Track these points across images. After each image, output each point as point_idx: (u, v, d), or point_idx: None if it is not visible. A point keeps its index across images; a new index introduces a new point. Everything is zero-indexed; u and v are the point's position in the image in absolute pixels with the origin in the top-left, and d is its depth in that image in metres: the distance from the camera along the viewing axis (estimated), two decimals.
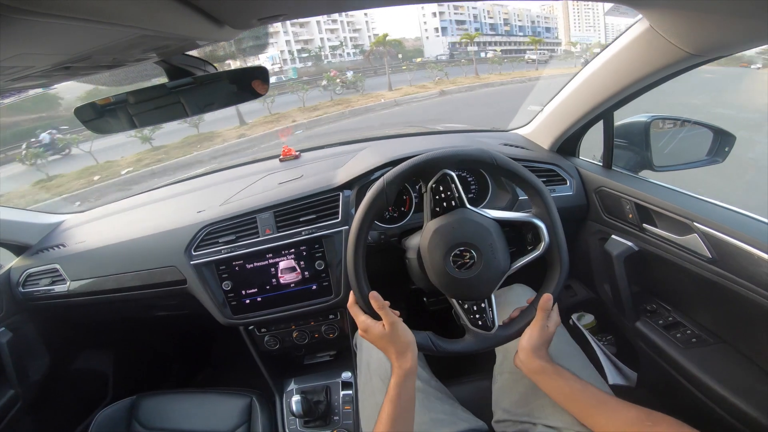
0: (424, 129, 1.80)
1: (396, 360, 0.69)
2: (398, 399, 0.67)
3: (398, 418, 0.65)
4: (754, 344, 0.87)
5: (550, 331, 0.72)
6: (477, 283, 0.73)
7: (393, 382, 0.68)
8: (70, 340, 1.44)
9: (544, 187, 0.75)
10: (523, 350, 0.71)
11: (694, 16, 0.63)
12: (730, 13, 0.59)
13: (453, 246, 0.72)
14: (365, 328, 0.72)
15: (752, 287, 0.77)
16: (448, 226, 0.74)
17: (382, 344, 0.71)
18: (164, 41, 0.55)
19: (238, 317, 1.10)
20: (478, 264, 0.72)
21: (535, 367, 0.70)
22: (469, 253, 0.72)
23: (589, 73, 0.99)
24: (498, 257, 0.73)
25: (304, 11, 0.66)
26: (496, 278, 0.73)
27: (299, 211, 1.09)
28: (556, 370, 0.69)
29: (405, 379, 0.68)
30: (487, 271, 0.72)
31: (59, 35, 0.39)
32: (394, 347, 0.69)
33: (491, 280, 0.73)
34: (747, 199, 1.31)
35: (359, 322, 0.73)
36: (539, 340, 0.71)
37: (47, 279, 1.22)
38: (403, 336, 0.70)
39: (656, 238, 0.98)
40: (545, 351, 0.72)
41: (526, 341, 0.72)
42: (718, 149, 1.08)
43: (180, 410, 1.15)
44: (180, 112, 0.75)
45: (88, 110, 0.73)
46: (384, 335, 0.69)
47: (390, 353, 0.70)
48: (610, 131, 1.10)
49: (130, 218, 1.38)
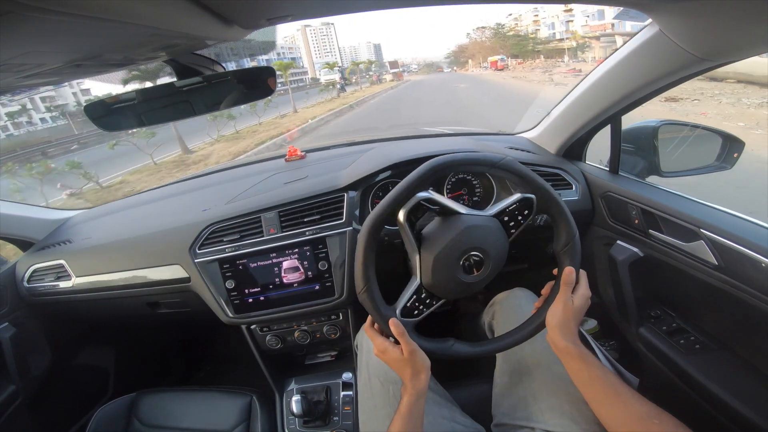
0: (430, 131, 1.80)
1: (410, 381, 0.69)
2: (409, 416, 0.67)
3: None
4: (758, 351, 0.86)
5: (577, 306, 0.70)
6: (479, 285, 0.73)
7: (406, 401, 0.69)
8: (72, 336, 1.45)
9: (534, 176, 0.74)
10: (550, 327, 0.71)
11: (705, 20, 0.63)
12: (741, 17, 0.58)
13: (463, 252, 0.71)
14: (383, 350, 0.72)
15: (758, 294, 0.76)
16: (454, 234, 0.73)
17: (398, 367, 0.71)
18: (174, 40, 0.55)
19: (240, 316, 1.10)
20: (487, 266, 0.72)
21: (560, 346, 0.69)
22: (478, 257, 0.72)
23: (597, 76, 0.99)
24: (501, 255, 0.74)
25: (311, 12, 0.67)
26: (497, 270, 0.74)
27: (304, 212, 1.09)
28: (580, 354, 0.68)
29: (418, 399, 0.69)
30: (493, 271, 0.73)
31: (71, 33, 0.39)
32: (410, 370, 0.70)
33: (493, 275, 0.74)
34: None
35: (377, 344, 0.73)
36: (563, 317, 0.69)
37: (52, 275, 1.23)
38: (420, 362, 0.70)
39: (662, 244, 0.98)
40: (572, 329, 0.70)
41: (550, 318, 0.71)
42: (726, 155, 1.07)
43: (180, 408, 1.15)
44: (187, 111, 0.76)
45: (98, 107, 0.74)
46: (401, 360, 0.70)
47: (404, 375, 0.70)
48: (618, 136, 1.09)
49: (136, 215, 1.38)
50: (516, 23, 68.09)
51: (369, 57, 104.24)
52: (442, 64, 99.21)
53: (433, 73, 68.08)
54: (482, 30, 76.56)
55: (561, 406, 0.74)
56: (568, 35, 50.38)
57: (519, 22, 67.13)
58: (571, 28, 51.64)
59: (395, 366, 0.72)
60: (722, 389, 0.84)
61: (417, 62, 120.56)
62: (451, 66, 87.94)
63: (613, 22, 39.48)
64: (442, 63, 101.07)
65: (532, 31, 61.14)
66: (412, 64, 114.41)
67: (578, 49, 43.86)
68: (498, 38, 68.27)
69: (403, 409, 0.68)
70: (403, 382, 0.71)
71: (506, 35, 66.42)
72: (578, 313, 0.71)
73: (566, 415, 0.73)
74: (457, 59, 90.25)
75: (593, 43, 42.14)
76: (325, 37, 34.82)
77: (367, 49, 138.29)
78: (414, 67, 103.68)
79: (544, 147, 1.33)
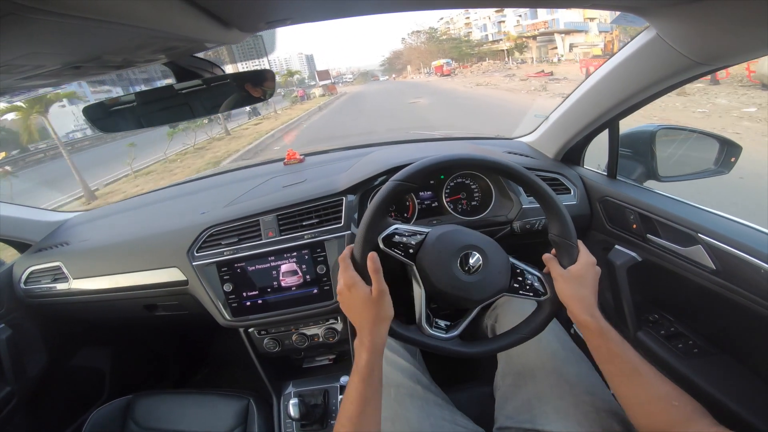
0: (429, 135, 1.80)
1: (370, 332, 0.64)
2: (371, 377, 0.62)
3: (371, 399, 0.62)
4: (756, 355, 0.86)
5: (584, 275, 0.69)
6: (473, 289, 0.71)
7: (366, 358, 0.63)
8: (69, 338, 1.44)
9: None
10: (565, 302, 0.69)
11: (702, 24, 0.63)
12: (738, 21, 0.59)
13: (461, 248, 0.71)
14: (351, 284, 0.65)
15: (756, 299, 0.76)
16: (471, 231, 0.74)
17: (361, 309, 0.65)
18: (173, 42, 0.55)
19: (238, 319, 1.10)
20: (482, 271, 0.71)
21: (580, 320, 0.67)
22: (476, 257, 0.71)
23: (595, 81, 0.99)
24: (502, 272, 0.72)
25: (310, 16, 0.67)
26: (493, 291, 0.71)
27: (302, 215, 1.09)
28: (599, 328, 0.66)
29: (377, 356, 0.64)
30: (486, 281, 0.71)
31: (70, 35, 0.39)
32: (372, 316, 0.64)
33: (487, 291, 0.71)
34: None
35: (346, 276, 0.66)
36: (575, 290, 0.68)
37: (49, 277, 1.22)
38: (386, 308, 0.66)
39: (660, 248, 0.98)
40: (589, 301, 0.68)
41: (561, 293, 0.70)
42: (724, 160, 1.07)
43: (176, 411, 1.15)
44: (186, 114, 0.76)
45: (97, 110, 0.74)
46: (368, 300, 0.65)
47: (365, 322, 0.65)
48: (615, 140, 1.10)
49: (134, 218, 1.38)
50: (448, 27, 66.44)
51: (302, 68, 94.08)
52: (377, 72, 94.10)
53: (371, 82, 62.52)
54: (417, 34, 73.42)
55: (566, 409, 0.73)
56: (500, 36, 48.91)
57: (452, 25, 65.58)
58: (503, 29, 49.83)
59: (358, 307, 0.66)
60: (720, 393, 0.84)
61: (352, 71, 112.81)
62: (387, 73, 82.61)
63: (548, 20, 38.18)
64: (377, 71, 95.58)
65: (465, 34, 59.24)
66: (346, 74, 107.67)
67: (516, 49, 42.50)
68: (434, 42, 65.76)
69: (362, 369, 0.62)
70: (359, 336, 0.65)
71: (440, 39, 64.48)
72: (590, 284, 0.69)
73: (572, 418, 0.72)
74: (392, 66, 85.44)
75: (530, 42, 41.02)
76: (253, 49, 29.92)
77: (299, 61, 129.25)
78: (349, 77, 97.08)
79: (543, 151, 1.33)
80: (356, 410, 0.60)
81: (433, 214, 1.19)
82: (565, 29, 33.91)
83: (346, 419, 0.60)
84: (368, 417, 0.61)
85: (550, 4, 0.70)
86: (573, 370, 0.80)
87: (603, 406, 0.73)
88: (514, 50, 42.22)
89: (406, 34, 79.82)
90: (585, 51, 30.56)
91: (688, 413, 0.56)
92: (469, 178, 1.21)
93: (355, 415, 0.60)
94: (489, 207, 1.16)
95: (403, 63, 77.17)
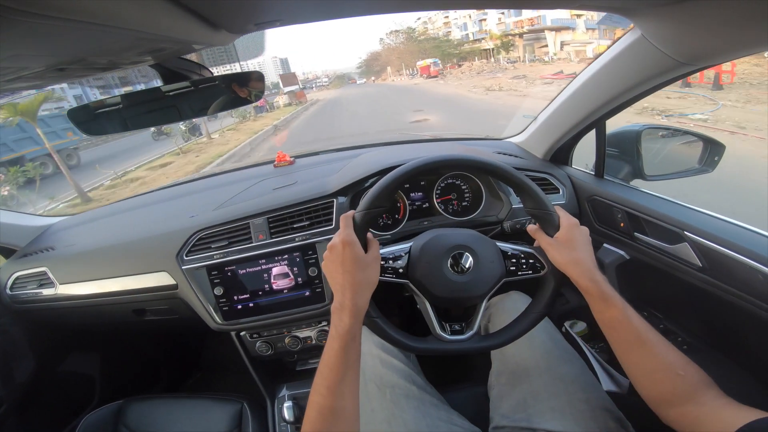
0: (420, 137, 1.81)
1: (354, 294, 0.62)
2: (353, 342, 0.60)
3: (351, 366, 0.60)
4: (744, 351, 0.88)
5: (571, 237, 0.69)
6: (472, 286, 0.72)
7: (348, 322, 0.60)
8: (57, 343, 1.42)
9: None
10: (563, 269, 0.68)
11: (686, 25, 0.65)
12: (721, 21, 0.60)
13: (447, 251, 0.72)
14: (349, 242, 0.64)
15: (742, 295, 0.78)
16: (449, 230, 0.75)
17: (351, 268, 0.63)
18: (160, 44, 0.55)
19: (229, 323, 1.09)
20: (475, 267, 0.72)
21: (580, 286, 0.66)
22: (465, 256, 0.72)
23: (582, 81, 1.01)
24: (494, 261, 0.73)
25: (299, 17, 0.67)
26: (492, 281, 0.72)
27: (293, 218, 1.09)
28: (600, 293, 0.64)
29: (360, 321, 0.62)
30: (481, 274, 0.72)
31: (55, 37, 0.39)
32: (360, 278, 0.63)
33: (486, 283, 0.72)
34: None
35: (345, 234, 0.65)
36: (567, 254, 0.68)
37: (35, 282, 1.20)
38: (375, 273, 0.66)
39: (647, 246, 0.99)
40: (586, 265, 0.66)
41: (555, 261, 0.69)
42: (708, 159, 1.09)
43: (169, 416, 1.13)
44: (174, 116, 0.75)
45: (82, 112, 0.73)
46: (361, 261, 0.64)
47: (351, 283, 0.62)
48: (602, 140, 1.11)
49: (121, 222, 1.36)
50: (426, 27, 62.23)
51: (276, 73, 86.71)
52: (354, 75, 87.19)
53: (348, 85, 56.49)
54: (396, 34, 67.52)
55: (562, 408, 0.74)
56: (482, 35, 44.86)
57: (430, 25, 61.38)
58: (484, 27, 45.60)
59: (348, 266, 0.63)
60: None
61: (327, 75, 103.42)
62: (365, 76, 76.42)
63: (534, 17, 35.02)
64: (354, 74, 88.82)
65: (444, 34, 54.98)
66: (322, 77, 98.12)
67: (503, 47, 39.09)
68: (413, 42, 60.53)
69: (344, 334, 0.59)
70: (338, 299, 0.62)
71: (418, 39, 59.91)
72: (581, 245, 0.69)
73: (567, 416, 0.72)
74: (370, 68, 79.58)
75: (516, 41, 37.90)
76: (224, 54, 26.64)
77: (273, 65, 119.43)
78: (324, 80, 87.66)
79: (532, 152, 1.34)
80: (336, 378, 0.57)
81: (424, 215, 1.20)
82: (553, 26, 33.00)
83: (324, 388, 0.57)
84: (348, 385, 0.58)
85: (536, 5, 0.71)
86: (567, 369, 0.81)
87: (598, 404, 0.74)
88: (501, 49, 39.73)
89: (384, 34, 74.26)
90: (578, 49, 29.30)
91: (694, 383, 0.55)
92: (460, 178, 1.21)
93: (335, 384, 0.57)
94: (479, 207, 1.17)
95: (382, 64, 72.20)
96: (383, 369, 0.87)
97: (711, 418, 0.51)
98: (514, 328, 0.73)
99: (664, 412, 0.56)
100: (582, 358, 0.87)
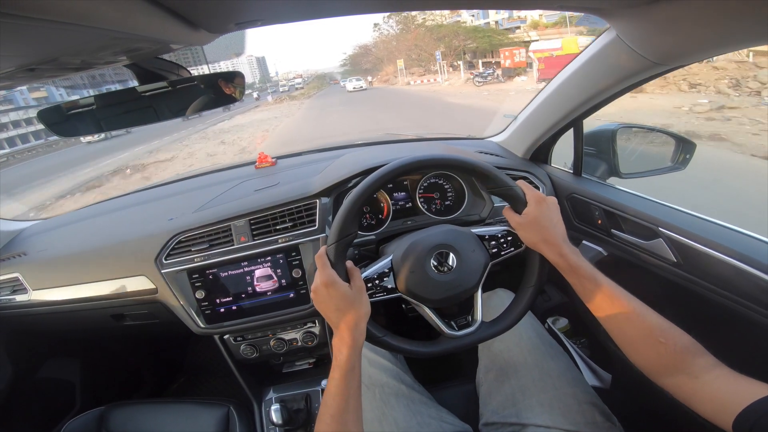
0: (401, 137, 1.81)
1: (350, 331, 0.63)
2: (352, 372, 0.62)
3: (353, 395, 0.61)
4: (719, 343, 0.91)
5: (539, 213, 0.69)
6: (462, 281, 0.73)
7: (346, 353, 0.62)
8: (34, 349, 1.38)
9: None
10: (536, 247, 0.70)
11: (659, 26, 0.67)
12: (692, 22, 0.62)
13: (427, 255, 0.72)
14: (330, 282, 0.64)
15: (715, 289, 0.80)
16: (423, 233, 0.76)
17: (341, 306, 0.64)
18: (137, 44, 0.54)
19: (212, 326, 1.07)
20: (459, 262, 0.73)
21: (551, 261, 0.67)
22: (445, 254, 0.73)
23: (560, 81, 1.02)
24: (475, 249, 0.74)
25: (280, 17, 0.66)
26: (480, 270, 0.74)
27: (276, 219, 1.08)
28: (569, 267, 0.65)
29: (358, 352, 0.64)
30: (468, 267, 0.73)
31: (26, 36, 0.37)
32: (353, 314, 0.64)
33: (475, 272, 0.74)
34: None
35: (324, 274, 0.65)
36: (537, 232, 0.69)
37: (7, 288, 1.16)
38: (365, 304, 0.66)
39: (624, 243, 1.02)
40: (555, 241, 0.67)
41: (526, 240, 0.71)
42: (680, 157, 1.13)
43: (153, 421, 1.10)
44: (151, 117, 0.73)
45: (53, 113, 0.70)
46: (347, 297, 0.64)
47: (344, 320, 0.64)
48: (580, 139, 1.14)
49: (97, 225, 1.33)
50: (424, 17, 40.05)
51: (253, 73, 75.61)
52: (336, 75, 72.61)
53: (331, 87, 47.39)
54: (403, 18, 43.80)
55: (550, 402, 0.76)
56: (514, 23, 32.62)
57: (427, 14, 39.16)
58: (515, 14, 31.48)
59: (337, 305, 0.64)
60: None
61: (301, 75, 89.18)
62: (353, 74, 53.24)
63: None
64: (336, 74, 73.75)
65: (453, 22, 37.48)
66: (295, 78, 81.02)
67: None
68: (432, 30, 38.97)
69: (343, 364, 0.61)
70: (338, 334, 0.64)
71: (436, 26, 38.60)
72: (549, 222, 0.69)
73: (556, 410, 0.74)
74: (357, 65, 62.72)
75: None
76: (188, 51, 23.71)
77: (248, 65, 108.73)
78: (298, 81, 71.69)
79: (512, 150, 1.36)
80: (339, 406, 0.59)
81: (408, 215, 1.20)
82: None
83: (329, 416, 0.59)
84: (351, 413, 0.60)
85: (518, 5, 0.72)
86: (553, 364, 0.82)
87: (584, 398, 0.75)
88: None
89: (380, 18, 49.15)
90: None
91: (679, 351, 0.55)
92: (442, 178, 1.22)
93: (338, 413, 0.59)
94: (462, 206, 1.18)
95: (373, 61, 55.40)
96: (372, 368, 0.87)
97: (708, 393, 0.50)
98: (517, 307, 0.76)
99: (660, 383, 0.57)
100: (567, 354, 0.89)
